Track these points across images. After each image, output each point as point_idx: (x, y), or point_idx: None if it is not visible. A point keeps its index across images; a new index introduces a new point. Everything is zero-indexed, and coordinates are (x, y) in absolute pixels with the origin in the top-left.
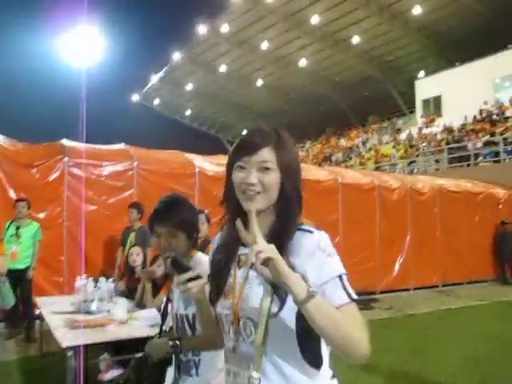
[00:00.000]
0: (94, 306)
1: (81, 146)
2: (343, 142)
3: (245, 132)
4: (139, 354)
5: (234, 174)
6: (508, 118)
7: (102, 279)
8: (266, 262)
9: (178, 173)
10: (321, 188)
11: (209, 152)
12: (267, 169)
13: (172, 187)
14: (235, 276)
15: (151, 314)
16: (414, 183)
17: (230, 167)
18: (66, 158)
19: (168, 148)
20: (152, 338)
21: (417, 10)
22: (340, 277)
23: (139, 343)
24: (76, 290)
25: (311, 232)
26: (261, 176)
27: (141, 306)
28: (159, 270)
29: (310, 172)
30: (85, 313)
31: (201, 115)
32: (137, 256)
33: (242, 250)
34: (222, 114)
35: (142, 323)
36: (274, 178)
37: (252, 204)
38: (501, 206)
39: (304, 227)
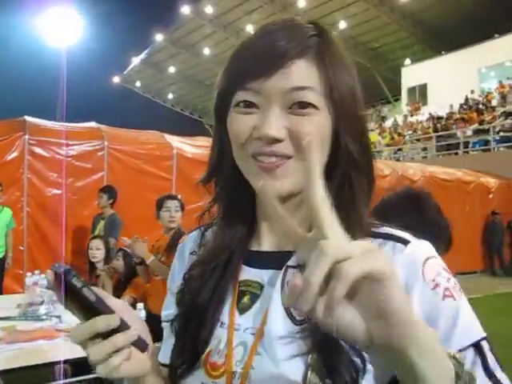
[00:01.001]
0: (42, 311)
1: (45, 122)
2: None
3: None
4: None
5: (230, 120)
6: (494, 107)
7: None
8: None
9: (154, 154)
10: None
11: (191, 136)
12: (307, 106)
13: (147, 170)
14: (232, 324)
15: None
16: (405, 170)
17: (221, 106)
18: (27, 136)
19: None
20: None
21: None
22: (477, 346)
23: None
24: (25, 289)
25: (404, 242)
26: (293, 121)
27: None
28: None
29: None
30: (31, 319)
31: (183, 99)
32: (97, 250)
33: (245, 274)
34: (205, 98)
35: None
36: (320, 124)
37: (274, 183)
38: (491, 196)
39: (385, 230)
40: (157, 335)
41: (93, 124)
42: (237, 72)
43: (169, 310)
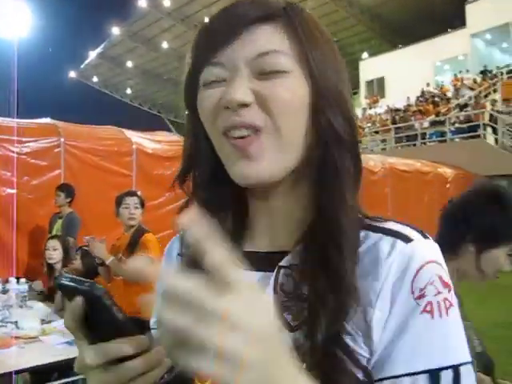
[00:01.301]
0: None
1: None
2: None
3: (184, 111)
4: None
5: (200, 99)
6: (449, 99)
7: (12, 279)
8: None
9: (112, 150)
10: None
11: (151, 131)
12: (275, 70)
13: (106, 166)
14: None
15: None
16: (365, 161)
17: (190, 89)
18: None
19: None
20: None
21: None
22: (455, 369)
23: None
24: None
25: (406, 239)
26: (262, 85)
27: (62, 311)
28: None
29: None
30: None
31: (142, 94)
32: (54, 251)
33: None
34: (164, 92)
35: (56, 340)
36: (292, 88)
37: (251, 166)
38: (448, 186)
39: (388, 225)
40: None
41: (48, 120)
42: (200, 47)
43: (155, 317)
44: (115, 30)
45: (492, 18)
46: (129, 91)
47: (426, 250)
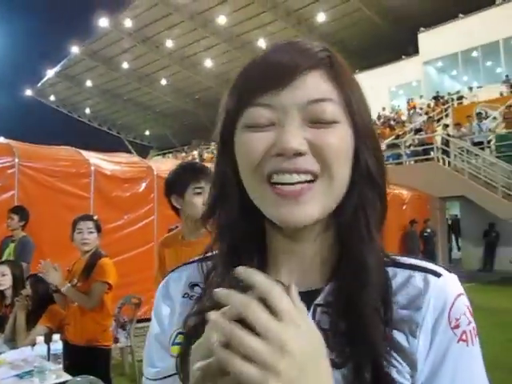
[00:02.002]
0: None
1: None
2: None
3: (144, 131)
4: None
5: (241, 140)
6: (404, 122)
7: None
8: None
9: (70, 172)
10: None
11: (109, 152)
12: (327, 118)
13: (63, 188)
14: None
15: (22, 355)
16: None
17: (227, 127)
18: None
19: None
20: None
21: (321, 18)
22: None
23: None
24: None
25: (437, 274)
26: (315, 134)
27: (12, 341)
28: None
29: None
30: None
31: (101, 114)
32: (2, 277)
33: None
34: (123, 113)
35: (4, 373)
36: (343, 137)
37: (298, 210)
38: (405, 207)
39: (411, 261)
40: (76, 367)
41: (1, 139)
42: (244, 87)
43: (159, 365)
44: (75, 49)
45: (442, 47)
46: (88, 111)
47: (455, 284)
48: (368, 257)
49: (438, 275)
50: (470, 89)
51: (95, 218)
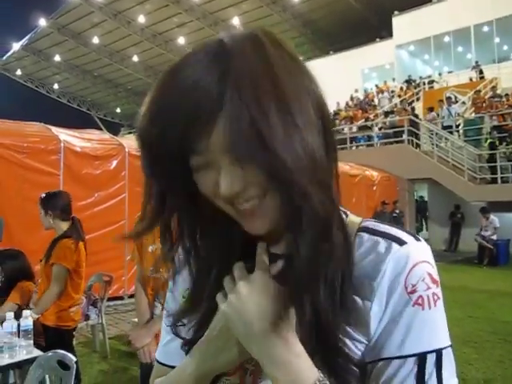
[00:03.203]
0: None
1: None
2: None
3: (115, 109)
4: None
5: (195, 178)
6: (375, 105)
7: None
8: None
9: (38, 148)
10: None
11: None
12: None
13: (31, 164)
14: None
15: None
16: None
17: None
18: None
19: None
20: None
21: None
22: (438, 352)
23: None
24: None
25: (401, 242)
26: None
27: None
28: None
29: None
30: None
31: (70, 90)
32: None
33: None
34: (93, 89)
35: None
36: None
37: (256, 223)
38: (375, 188)
39: (384, 229)
40: (49, 344)
41: None
42: (172, 135)
43: (170, 314)
44: (42, 22)
45: (415, 31)
46: (56, 86)
47: (418, 252)
48: (328, 225)
49: (401, 243)
50: (440, 74)
51: (42, 196)
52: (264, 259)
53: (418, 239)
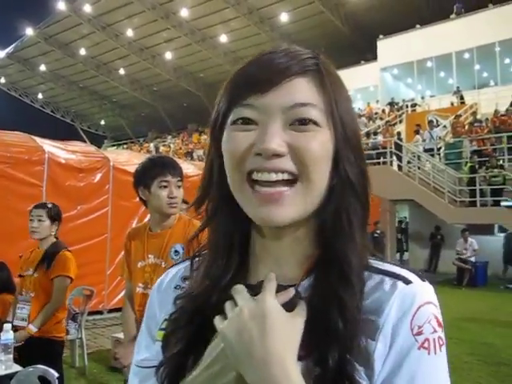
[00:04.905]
0: None
1: None
2: (205, 139)
3: (99, 121)
4: None
5: (226, 138)
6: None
7: None
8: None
9: (22, 158)
10: (188, 184)
11: (63, 140)
12: (309, 122)
13: (14, 175)
14: None
15: None
16: None
17: (217, 124)
18: None
19: None
20: None
21: (283, 18)
22: None
23: None
24: None
25: (406, 281)
26: (295, 137)
27: None
28: None
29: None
30: None
31: (55, 100)
32: None
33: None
34: (78, 100)
35: None
36: (323, 142)
37: (276, 211)
38: None
39: (388, 267)
40: (29, 358)
41: None
42: (235, 88)
43: (145, 353)
44: (29, 31)
45: (399, 55)
46: (40, 96)
47: (424, 292)
48: (351, 256)
49: (407, 282)
50: (423, 98)
51: (49, 205)
52: (272, 286)
53: (422, 279)
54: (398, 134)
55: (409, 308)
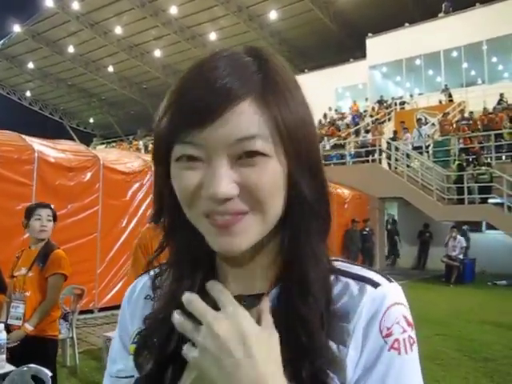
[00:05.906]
0: None
1: None
2: None
3: (88, 118)
4: None
5: (173, 175)
6: (348, 125)
7: None
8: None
9: (11, 157)
10: None
11: (51, 138)
12: (255, 155)
13: (3, 174)
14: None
15: None
16: None
17: (160, 156)
18: None
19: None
20: None
21: (273, 15)
22: None
23: None
24: None
25: (374, 284)
26: (244, 174)
27: None
28: None
29: None
30: None
31: (43, 97)
32: None
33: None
34: (67, 98)
35: None
36: (273, 172)
37: (231, 241)
38: (346, 206)
39: (356, 270)
40: (23, 357)
41: None
42: (172, 120)
43: (120, 364)
44: (16, 28)
45: (388, 53)
46: (28, 94)
47: (392, 293)
48: (310, 270)
49: (375, 285)
50: (411, 96)
51: (52, 206)
52: (229, 297)
53: (390, 280)
54: (395, 132)
55: (378, 311)
